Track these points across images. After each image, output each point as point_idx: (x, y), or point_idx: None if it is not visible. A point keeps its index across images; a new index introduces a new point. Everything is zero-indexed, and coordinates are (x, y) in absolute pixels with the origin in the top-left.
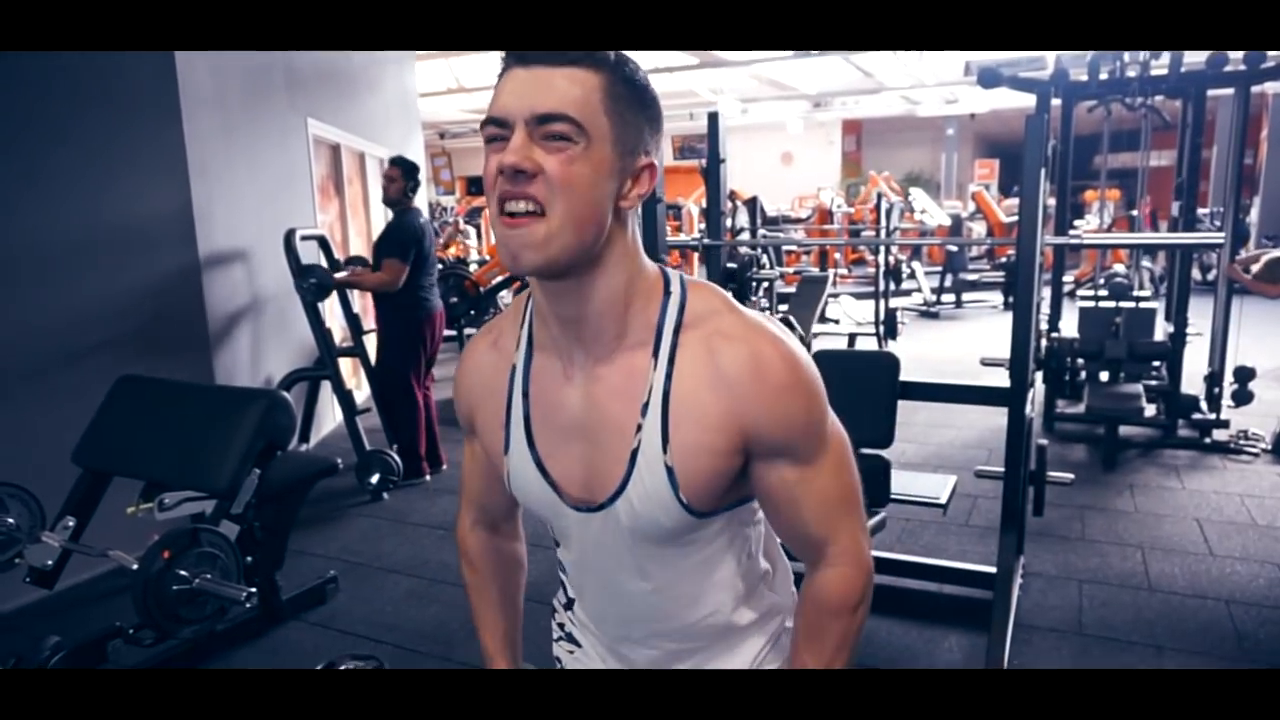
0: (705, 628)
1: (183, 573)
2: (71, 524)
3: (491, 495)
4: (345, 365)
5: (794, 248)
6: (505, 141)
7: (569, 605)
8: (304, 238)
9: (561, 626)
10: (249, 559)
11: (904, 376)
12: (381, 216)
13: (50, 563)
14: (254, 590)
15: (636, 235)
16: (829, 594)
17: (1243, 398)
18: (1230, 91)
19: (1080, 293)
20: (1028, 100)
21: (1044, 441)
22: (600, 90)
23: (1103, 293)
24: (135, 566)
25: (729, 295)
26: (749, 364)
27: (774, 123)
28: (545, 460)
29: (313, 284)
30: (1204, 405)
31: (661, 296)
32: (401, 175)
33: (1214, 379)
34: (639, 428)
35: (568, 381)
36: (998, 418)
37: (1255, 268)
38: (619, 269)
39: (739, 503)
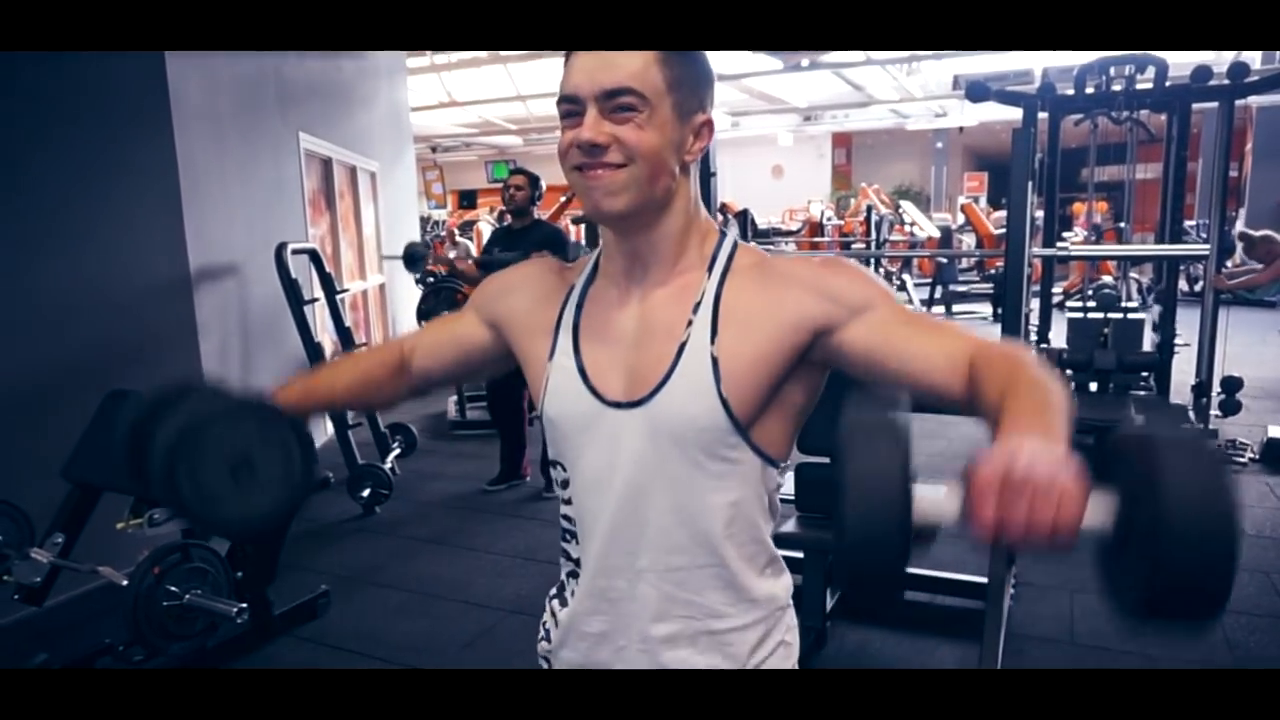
0: (709, 575)
1: (173, 588)
2: (60, 540)
3: (426, 360)
4: None
5: None
6: (579, 117)
7: (559, 591)
8: (295, 251)
9: (543, 624)
10: (240, 574)
11: None
12: (374, 230)
13: (39, 579)
14: (245, 605)
15: (696, 186)
16: (1005, 351)
17: (1230, 407)
18: (1215, 105)
19: (1069, 304)
20: (1016, 114)
21: None
22: (655, 61)
23: (1091, 304)
24: (125, 583)
25: None
26: (800, 261)
27: (764, 136)
28: (588, 367)
29: None
30: (1192, 415)
31: (717, 237)
32: (528, 184)
33: (1201, 389)
34: (689, 324)
35: (623, 305)
36: None
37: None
38: (681, 214)
39: (767, 460)
